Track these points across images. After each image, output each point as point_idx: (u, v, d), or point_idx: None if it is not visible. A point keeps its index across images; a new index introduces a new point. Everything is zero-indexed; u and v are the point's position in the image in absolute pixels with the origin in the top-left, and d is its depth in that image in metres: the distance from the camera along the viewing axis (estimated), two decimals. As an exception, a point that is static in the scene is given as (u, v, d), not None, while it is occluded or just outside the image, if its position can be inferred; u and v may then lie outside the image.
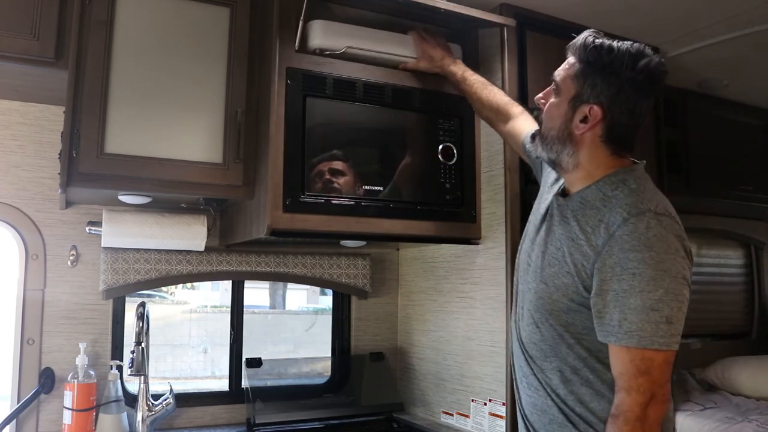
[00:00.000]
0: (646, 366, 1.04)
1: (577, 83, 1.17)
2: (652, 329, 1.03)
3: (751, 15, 1.91)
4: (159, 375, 2.27)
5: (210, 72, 1.64)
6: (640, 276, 1.04)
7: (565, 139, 1.20)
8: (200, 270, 1.96)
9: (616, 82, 1.14)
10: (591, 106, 1.16)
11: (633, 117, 1.16)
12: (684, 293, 1.06)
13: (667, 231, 1.07)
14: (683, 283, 1.06)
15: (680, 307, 1.05)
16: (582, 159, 1.20)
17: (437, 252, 2.12)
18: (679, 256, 1.06)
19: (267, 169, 1.55)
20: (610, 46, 1.15)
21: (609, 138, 1.18)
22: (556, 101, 1.22)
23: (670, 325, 1.03)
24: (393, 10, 1.75)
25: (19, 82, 1.66)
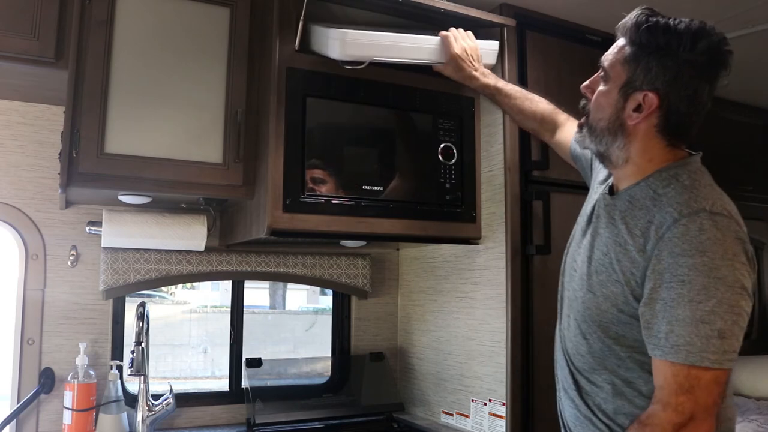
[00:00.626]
0: (690, 384, 0.93)
1: (629, 68, 1.06)
2: (702, 344, 0.92)
3: (752, 15, 1.91)
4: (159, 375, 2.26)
5: (210, 72, 1.64)
6: (690, 284, 0.94)
7: (615, 130, 1.09)
8: (200, 270, 1.96)
9: (673, 66, 1.02)
10: (645, 93, 1.05)
11: (693, 104, 1.05)
12: (741, 304, 0.94)
13: (724, 233, 0.95)
14: (741, 293, 0.94)
15: (736, 321, 0.93)
16: (633, 152, 1.09)
17: (437, 252, 2.12)
18: (738, 261, 0.94)
19: (267, 169, 1.55)
20: (666, 24, 1.03)
21: (665, 128, 1.06)
22: (605, 89, 1.10)
23: (723, 341, 0.92)
24: (393, 10, 1.75)
25: (19, 82, 1.66)
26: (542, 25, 1.92)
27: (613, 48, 1.11)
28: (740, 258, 0.95)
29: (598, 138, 1.13)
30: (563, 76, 1.93)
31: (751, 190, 2.79)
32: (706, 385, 0.93)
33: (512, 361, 1.74)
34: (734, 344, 0.93)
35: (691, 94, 1.04)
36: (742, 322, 0.94)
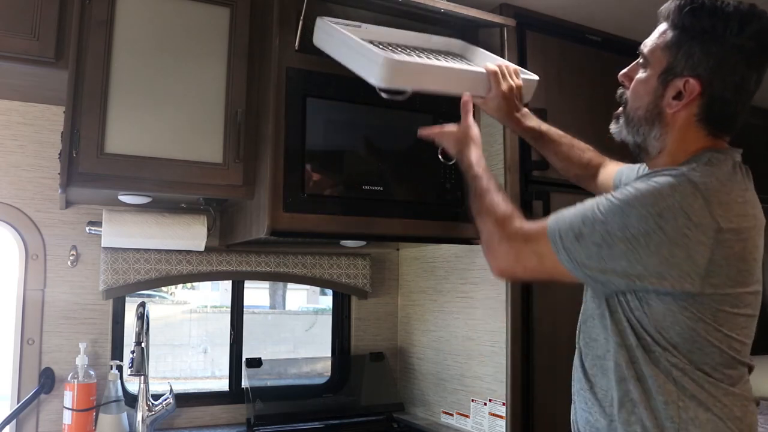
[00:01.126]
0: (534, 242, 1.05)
1: (670, 54, 1.00)
2: (564, 227, 1.00)
3: (751, 15, 1.91)
4: (159, 375, 2.27)
5: (210, 72, 1.64)
6: (607, 199, 0.97)
7: (653, 118, 1.04)
8: (200, 270, 1.96)
9: (718, 51, 0.96)
10: (686, 79, 0.99)
11: (738, 92, 0.99)
12: (616, 246, 0.92)
13: (672, 196, 0.90)
14: (624, 239, 0.91)
15: (599, 247, 0.94)
16: (669, 142, 1.04)
17: (437, 252, 2.12)
18: (654, 221, 0.90)
19: (267, 169, 1.55)
20: (712, 6, 0.97)
21: (707, 117, 1.01)
22: (644, 76, 1.05)
23: (575, 242, 0.97)
24: (393, 10, 1.75)
25: (19, 82, 1.66)
26: (542, 25, 1.92)
27: (655, 33, 1.05)
28: (661, 222, 0.90)
29: (635, 128, 1.08)
30: (563, 76, 1.93)
31: (751, 190, 2.79)
32: (534, 252, 1.05)
33: (512, 361, 1.74)
34: (580, 256, 0.97)
35: (737, 81, 0.98)
36: (605, 254, 0.94)
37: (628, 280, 0.95)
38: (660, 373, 0.96)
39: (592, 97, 1.98)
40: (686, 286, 0.92)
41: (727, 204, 0.93)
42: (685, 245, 0.90)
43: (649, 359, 0.97)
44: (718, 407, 0.95)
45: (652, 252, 0.91)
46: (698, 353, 0.95)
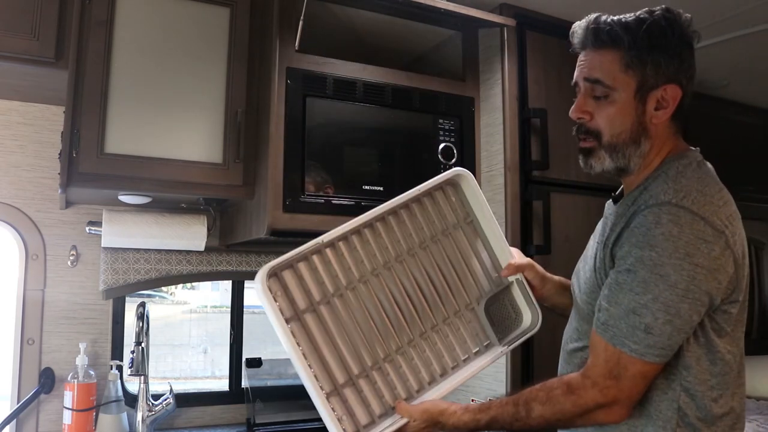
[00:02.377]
0: (619, 372, 0.96)
1: (636, 72, 1.02)
2: (627, 332, 0.95)
3: (751, 15, 1.91)
4: (159, 375, 2.27)
5: (210, 72, 1.64)
6: (634, 274, 0.95)
7: (639, 135, 1.05)
8: (200, 270, 1.96)
9: (675, 55, 1.02)
10: (664, 87, 1.02)
11: (693, 82, 1.05)
12: (680, 307, 0.92)
13: (681, 229, 0.92)
14: (684, 295, 0.92)
15: (670, 321, 0.92)
16: (652, 152, 1.06)
17: (437, 252, 2.11)
18: (688, 262, 0.91)
19: (267, 169, 1.55)
20: (640, 19, 1.03)
21: (677, 114, 1.05)
22: (615, 102, 1.05)
23: (648, 335, 0.93)
24: (393, 9, 1.75)
25: (19, 82, 1.66)
26: (542, 25, 1.92)
27: (591, 61, 1.07)
28: (694, 259, 0.92)
29: (621, 153, 1.07)
30: (563, 76, 1.93)
31: (751, 190, 2.79)
32: (633, 377, 0.95)
33: (512, 361, 1.74)
34: (663, 341, 0.93)
35: (693, 74, 1.05)
36: (679, 322, 0.93)
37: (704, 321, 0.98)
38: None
39: (592, 97, 1.98)
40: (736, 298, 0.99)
41: (717, 211, 0.97)
42: (720, 265, 0.95)
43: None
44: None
45: (707, 288, 0.94)
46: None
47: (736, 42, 2.09)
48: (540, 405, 1.01)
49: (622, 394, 0.96)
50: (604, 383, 0.97)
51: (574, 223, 1.85)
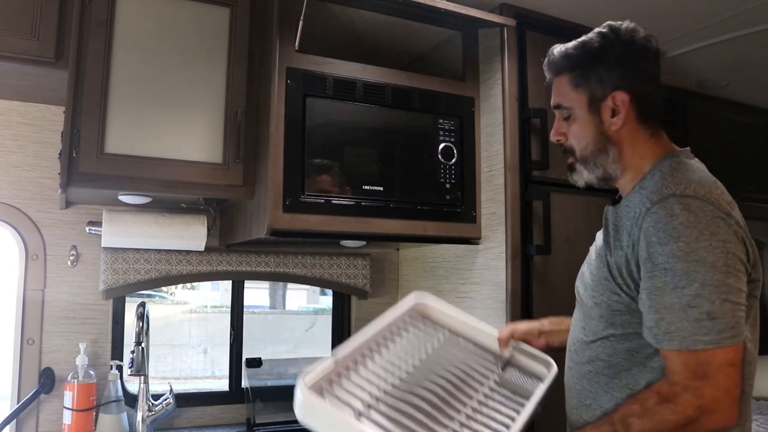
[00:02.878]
0: (703, 370, 0.92)
1: (584, 88, 1.12)
2: (693, 328, 0.92)
3: (751, 15, 1.91)
4: (159, 375, 2.27)
5: (210, 72, 1.64)
6: (672, 271, 0.94)
7: (604, 144, 1.12)
8: (200, 270, 1.96)
9: (616, 63, 1.10)
10: (612, 95, 1.10)
11: (653, 81, 1.11)
12: (729, 282, 0.92)
13: (696, 215, 0.95)
14: (726, 270, 0.93)
15: (726, 298, 0.92)
16: (627, 156, 1.12)
17: (437, 252, 2.12)
18: (716, 239, 0.93)
19: (267, 169, 1.55)
20: (582, 41, 1.14)
21: (643, 115, 1.11)
22: (575, 120, 1.14)
23: (714, 321, 0.91)
24: (393, 10, 1.75)
25: (19, 82, 1.66)
26: (542, 25, 1.92)
27: (554, 88, 1.18)
28: (719, 236, 0.94)
29: (592, 163, 1.14)
30: (563, 76, 1.93)
31: (751, 190, 2.79)
32: (720, 368, 0.92)
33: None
34: (729, 321, 0.92)
35: (646, 74, 1.11)
36: (734, 296, 0.93)
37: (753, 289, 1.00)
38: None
39: (592, 97, 1.98)
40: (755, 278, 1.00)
41: (718, 197, 1.00)
42: (741, 237, 0.97)
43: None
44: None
45: (741, 257, 0.96)
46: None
47: (736, 42, 2.09)
48: (638, 419, 0.98)
49: (719, 391, 0.92)
50: (694, 385, 0.93)
51: (574, 223, 1.85)
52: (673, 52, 2.21)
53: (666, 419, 0.95)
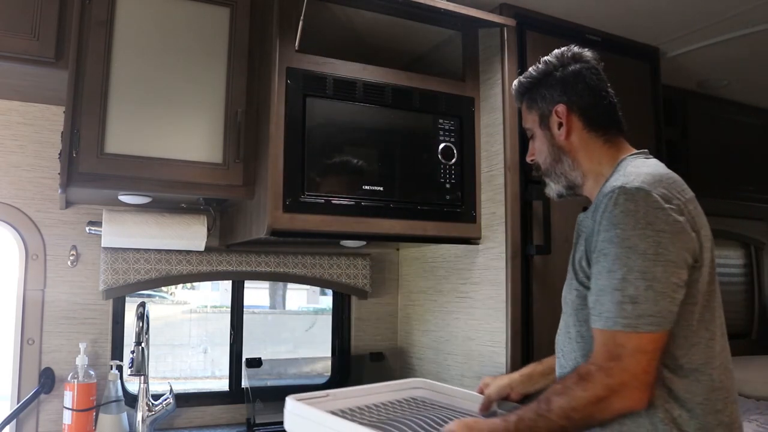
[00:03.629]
0: (617, 351, 0.98)
1: (534, 110, 1.26)
2: (616, 310, 0.98)
3: (751, 15, 1.91)
4: (159, 375, 2.26)
5: (210, 72, 1.64)
6: (607, 256, 1.01)
7: (558, 154, 1.23)
8: (200, 270, 1.96)
9: (557, 82, 1.22)
10: (553, 110, 1.22)
11: (595, 94, 1.21)
12: (655, 270, 0.97)
13: (637, 204, 1.00)
14: (654, 259, 0.97)
15: (650, 286, 0.96)
16: (584, 163, 1.21)
17: (437, 252, 2.12)
18: (651, 229, 0.98)
19: (267, 169, 1.55)
20: (530, 70, 1.27)
21: (591, 122, 1.20)
22: (536, 139, 1.28)
23: (635, 306, 0.97)
24: (393, 9, 1.75)
25: (19, 82, 1.66)
26: (542, 25, 1.92)
27: (522, 114, 1.32)
28: (656, 226, 0.99)
29: (555, 175, 1.25)
30: (563, 76, 1.93)
31: (751, 190, 2.79)
32: (633, 353, 0.97)
33: (512, 361, 1.74)
34: (650, 308, 0.97)
35: (586, 87, 1.21)
36: (660, 286, 0.97)
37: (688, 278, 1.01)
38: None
39: (592, 97, 1.98)
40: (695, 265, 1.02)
41: (667, 186, 1.04)
42: (681, 228, 1.01)
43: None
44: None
45: (675, 249, 0.99)
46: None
47: (736, 42, 2.09)
48: (557, 396, 1.04)
49: (627, 373, 0.97)
50: (607, 365, 0.99)
51: (574, 223, 1.84)
52: (673, 52, 2.21)
53: (579, 396, 1.01)
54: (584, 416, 1.01)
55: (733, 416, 1.03)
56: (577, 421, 1.02)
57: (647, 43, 2.16)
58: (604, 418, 1.01)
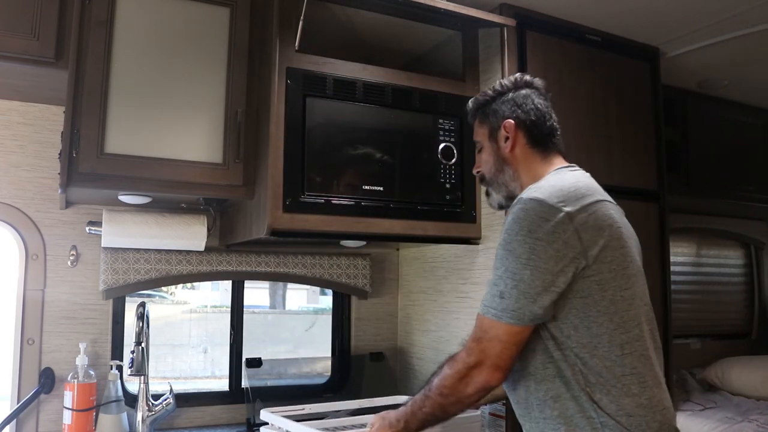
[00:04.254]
0: (481, 334, 1.14)
1: (485, 125, 1.37)
2: (488, 300, 1.14)
3: (751, 15, 1.91)
4: (159, 375, 2.26)
5: (210, 72, 1.64)
6: (496, 255, 1.16)
7: (501, 166, 1.33)
8: (200, 270, 1.96)
9: (508, 100, 1.34)
10: (503, 124, 1.32)
11: (541, 114, 1.32)
12: (523, 273, 1.09)
13: (526, 213, 1.12)
14: (526, 263, 1.09)
15: (516, 285, 1.10)
16: (523, 175, 1.31)
17: (437, 252, 2.12)
18: (530, 237, 1.10)
19: (267, 169, 1.55)
20: (485, 91, 1.39)
21: (533, 139, 1.31)
22: (483, 152, 1.37)
23: (502, 300, 1.11)
24: (393, 9, 1.75)
25: (19, 82, 1.66)
26: (542, 25, 1.92)
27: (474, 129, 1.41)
28: (535, 234, 1.10)
29: (497, 185, 1.35)
30: (563, 76, 1.93)
31: (751, 190, 2.79)
32: (491, 338, 1.12)
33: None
34: (512, 304, 1.10)
35: (533, 107, 1.32)
36: (525, 287, 1.09)
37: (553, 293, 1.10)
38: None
39: (592, 97, 1.98)
40: (580, 266, 1.10)
41: (563, 196, 1.13)
42: (558, 237, 1.10)
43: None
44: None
45: (547, 255, 1.09)
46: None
47: (736, 42, 2.09)
48: (435, 376, 1.22)
49: (483, 354, 1.13)
50: (470, 345, 1.16)
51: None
52: (673, 52, 2.21)
53: (447, 374, 1.18)
54: (452, 391, 1.17)
55: (654, 400, 1.11)
56: (448, 395, 1.18)
57: (647, 43, 2.16)
58: (469, 392, 1.15)
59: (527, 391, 1.19)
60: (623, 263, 1.14)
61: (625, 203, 1.28)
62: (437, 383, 1.20)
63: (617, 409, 1.08)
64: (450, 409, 1.20)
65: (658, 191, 2.10)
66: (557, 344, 1.13)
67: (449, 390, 1.17)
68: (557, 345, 1.13)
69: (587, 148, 1.94)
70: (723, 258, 3.25)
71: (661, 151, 2.15)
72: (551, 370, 1.14)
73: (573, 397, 1.11)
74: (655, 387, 1.13)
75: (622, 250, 1.15)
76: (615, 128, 2.03)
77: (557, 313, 1.12)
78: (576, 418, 1.10)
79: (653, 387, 1.12)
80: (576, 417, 1.10)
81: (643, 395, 1.10)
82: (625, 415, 1.08)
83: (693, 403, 2.52)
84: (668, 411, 1.14)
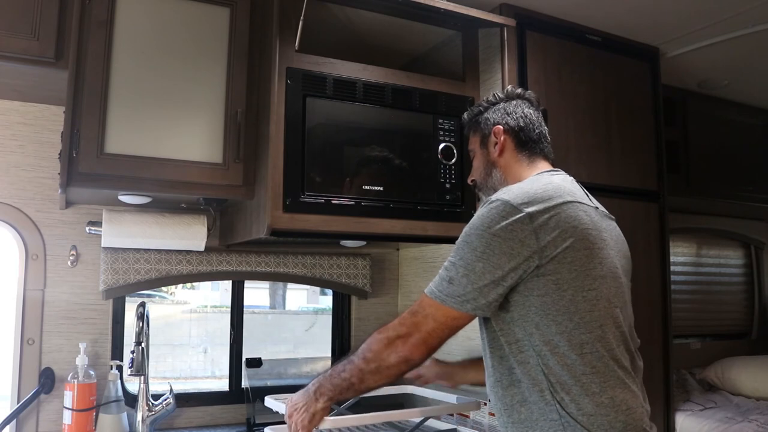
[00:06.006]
0: (417, 308, 1.20)
1: (478, 133, 1.44)
2: (437, 283, 1.19)
3: (751, 15, 1.91)
4: (159, 375, 2.26)
5: (210, 72, 1.64)
6: (455, 244, 1.21)
7: (490, 169, 1.40)
8: (200, 270, 1.96)
9: (499, 109, 1.41)
10: (493, 130, 1.39)
11: (529, 121, 1.39)
12: (476, 265, 1.14)
13: (489, 212, 1.17)
14: (480, 256, 1.14)
15: (467, 275, 1.14)
16: (510, 179, 1.36)
17: (437, 252, 2.12)
18: (488, 232, 1.14)
19: (267, 169, 1.55)
20: (479, 102, 1.47)
21: (521, 144, 1.37)
22: (476, 158, 1.45)
23: (450, 285, 1.16)
24: (393, 9, 1.75)
25: (19, 82, 1.66)
26: (542, 25, 1.92)
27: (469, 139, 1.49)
28: (493, 230, 1.14)
29: (487, 188, 1.41)
30: (563, 76, 1.94)
31: (751, 190, 2.79)
32: (427, 315, 1.18)
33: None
34: (459, 291, 1.15)
35: (521, 115, 1.39)
36: (475, 277, 1.14)
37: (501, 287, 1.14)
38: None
39: (592, 97, 1.98)
40: (533, 265, 1.13)
41: (529, 198, 1.16)
42: (515, 236, 1.13)
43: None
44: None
45: (501, 252, 1.13)
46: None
47: (736, 42, 2.09)
48: (364, 344, 1.25)
49: (416, 327, 1.18)
50: (404, 316, 1.21)
51: (574, 223, 1.84)
52: (673, 52, 2.21)
53: (375, 339, 1.23)
54: (375, 356, 1.21)
55: (617, 400, 1.11)
56: (370, 361, 1.21)
57: (647, 43, 2.16)
58: (391, 362, 1.19)
59: (496, 398, 1.22)
60: (588, 264, 1.15)
61: (625, 203, 1.29)
62: (363, 347, 1.24)
63: (577, 409, 1.10)
64: (368, 379, 1.23)
65: (658, 191, 2.10)
66: (520, 348, 1.16)
67: (373, 354, 1.21)
68: (520, 348, 1.16)
69: (587, 148, 1.94)
70: (723, 258, 3.26)
71: (661, 151, 2.15)
72: (516, 374, 1.16)
73: (538, 399, 1.13)
74: (618, 387, 1.13)
75: (587, 251, 1.15)
76: (615, 128, 2.03)
77: (517, 312, 1.15)
78: (541, 422, 1.13)
79: (616, 387, 1.12)
80: (541, 420, 1.13)
81: (604, 395, 1.11)
82: (584, 415, 1.09)
83: (693, 403, 2.52)
84: (633, 411, 1.13)
